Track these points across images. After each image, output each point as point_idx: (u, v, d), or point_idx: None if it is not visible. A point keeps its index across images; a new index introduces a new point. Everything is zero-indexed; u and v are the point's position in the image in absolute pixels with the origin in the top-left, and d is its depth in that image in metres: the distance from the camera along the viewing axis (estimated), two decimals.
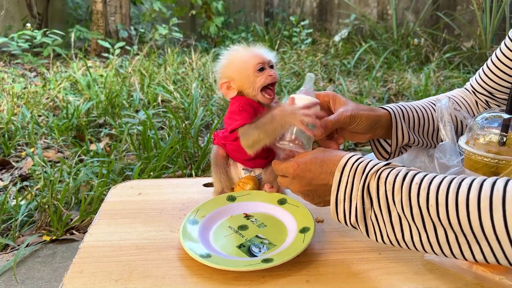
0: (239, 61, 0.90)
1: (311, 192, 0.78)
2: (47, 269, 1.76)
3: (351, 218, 0.71)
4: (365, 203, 0.69)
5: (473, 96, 1.08)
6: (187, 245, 0.76)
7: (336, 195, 0.72)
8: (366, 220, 0.69)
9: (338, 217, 0.73)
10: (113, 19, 5.71)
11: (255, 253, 0.77)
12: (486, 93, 1.04)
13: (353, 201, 0.70)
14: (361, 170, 0.70)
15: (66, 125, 3.04)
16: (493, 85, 1.02)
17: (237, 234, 0.82)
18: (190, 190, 1.03)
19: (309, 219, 0.82)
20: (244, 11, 7.37)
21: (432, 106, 1.03)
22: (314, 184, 0.76)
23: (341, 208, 0.72)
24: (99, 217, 0.92)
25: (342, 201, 0.71)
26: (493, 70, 1.01)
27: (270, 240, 0.80)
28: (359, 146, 3.05)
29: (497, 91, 1.02)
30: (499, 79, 1.00)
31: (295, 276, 0.72)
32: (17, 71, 4.43)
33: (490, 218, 0.56)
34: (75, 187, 2.18)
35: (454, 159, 0.83)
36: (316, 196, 0.78)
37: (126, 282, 0.71)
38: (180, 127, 2.85)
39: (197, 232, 0.81)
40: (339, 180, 0.72)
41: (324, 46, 5.86)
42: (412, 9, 5.64)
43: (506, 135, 0.77)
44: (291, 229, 0.82)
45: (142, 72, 4.23)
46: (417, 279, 0.71)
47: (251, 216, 0.87)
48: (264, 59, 0.90)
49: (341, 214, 0.72)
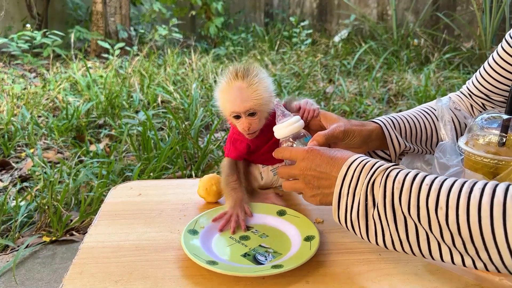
0: (220, 101, 0.88)
1: (313, 178, 0.76)
2: (46, 270, 1.76)
3: (352, 214, 0.69)
4: (368, 200, 0.68)
5: (469, 100, 1.08)
6: (191, 253, 0.74)
7: (340, 188, 0.71)
8: (367, 219, 0.68)
9: (339, 213, 0.71)
10: (113, 19, 5.71)
11: (261, 261, 0.76)
12: (483, 96, 1.04)
13: (356, 196, 0.69)
14: (369, 166, 0.70)
15: (66, 125, 3.04)
16: (490, 88, 1.02)
17: (240, 244, 0.81)
18: (190, 191, 1.03)
19: (312, 228, 0.82)
20: (244, 12, 7.37)
21: (423, 114, 1.03)
22: (318, 171, 0.75)
23: (343, 202, 0.70)
24: (99, 218, 0.91)
25: (345, 196, 0.70)
26: (490, 72, 1.01)
27: (275, 249, 0.79)
28: None
29: (494, 94, 1.02)
30: (496, 82, 1.00)
31: (295, 277, 0.72)
32: (17, 71, 4.43)
33: (503, 225, 0.55)
34: (75, 188, 2.18)
35: (454, 159, 0.83)
36: (316, 186, 0.76)
37: (126, 283, 0.70)
38: (180, 127, 2.85)
39: (199, 242, 0.79)
40: (345, 173, 0.71)
41: (324, 47, 5.86)
42: (412, 9, 5.65)
43: (505, 135, 0.77)
44: (295, 238, 0.81)
45: (142, 73, 4.23)
46: (417, 280, 0.71)
47: (251, 227, 0.86)
48: (237, 110, 0.85)
49: (343, 210, 0.71)
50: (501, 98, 1.02)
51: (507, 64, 0.98)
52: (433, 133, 1.02)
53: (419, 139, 1.00)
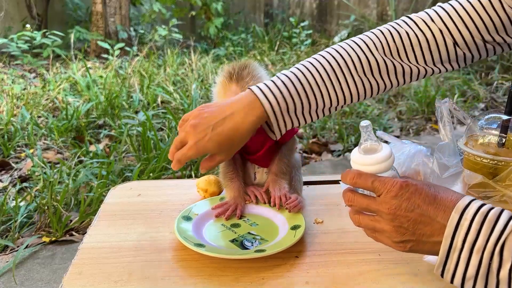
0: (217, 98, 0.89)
1: (408, 221, 0.61)
2: (46, 271, 1.76)
3: (467, 272, 0.57)
4: (494, 261, 0.56)
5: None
6: (181, 236, 0.78)
7: (451, 240, 0.58)
8: (488, 278, 0.57)
9: (445, 267, 0.60)
10: (112, 20, 5.71)
11: (247, 246, 0.79)
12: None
13: (475, 254, 0.57)
14: (493, 218, 0.57)
15: (65, 126, 3.04)
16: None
17: (230, 231, 0.84)
18: (189, 191, 1.03)
19: (300, 219, 0.85)
20: (243, 12, 7.37)
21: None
22: (417, 213, 0.60)
23: (454, 257, 0.58)
24: (98, 218, 0.91)
25: (457, 250, 0.58)
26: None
27: (262, 237, 0.82)
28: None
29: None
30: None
31: (295, 278, 0.72)
32: (17, 72, 4.43)
33: None
34: (74, 188, 2.18)
35: (454, 160, 0.83)
36: (411, 231, 0.61)
37: (125, 283, 0.70)
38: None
39: (191, 226, 0.83)
40: (457, 223, 0.58)
41: (324, 47, 5.86)
42: (411, 10, 5.65)
43: (505, 136, 0.77)
44: (283, 227, 0.84)
45: (142, 73, 4.23)
46: (416, 280, 0.71)
47: (243, 216, 0.90)
48: None
49: (452, 265, 0.59)
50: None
51: None
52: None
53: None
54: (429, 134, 3.42)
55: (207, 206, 0.91)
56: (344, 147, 3.02)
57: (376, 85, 0.84)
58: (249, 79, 0.84)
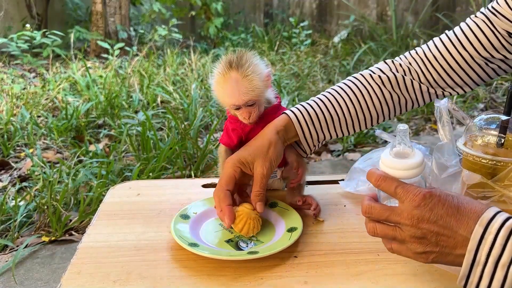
0: (217, 93, 0.89)
1: (430, 232, 0.60)
2: (46, 270, 1.76)
3: (491, 286, 0.57)
4: None
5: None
6: (176, 234, 0.78)
7: (475, 254, 0.57)
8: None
9: (468, 280, 0.59)
10: (112, 20, 5.71)
11: (242, 247, 0.79)
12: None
13: (500, 268, 0.56)
14: None
15: (65, 126, 3.04)
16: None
17: (227, 231, 0.84)
18: (189, 191, 1.03)
19: (297, 220, 0.84)
20: (243, 12, 7.36)
21: (344, 89, 0.95)
22: (440, 225, 0.59)
23: (477, 270, 0.57)
24: (97, 217, 0.91)
25: (481, 264, 0.57)
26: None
27: (258, 238, 0.82)
28: (358, 148, 3.05)
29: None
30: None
31: (294, 277, 0.72)
32: (17, 71, 4.43)
33: None
34: (74, 188, 2.18)
35: (453, 160, 0.83)
36: (433, 242, 0.60)
37: (124, 283, 0.70)
38: (179, 128, 2.85)
39: (188, 225, 0.83)
40: (481, 236, 0.57)
41: (324, 47, 5.86)
42: (411, 10, 5.65)
43: (504, 136, 0.77)
44: (279, 229, 0.84)
45: (142, 73, 4.23)
46: (415, 280, 0.71)
47: None
48: (237, 103, 0.86)
49: (476, 278, 0.58)
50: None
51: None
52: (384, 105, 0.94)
53: (344, 125, 0.94)
54: (429, 134, 3.41)
55: (205, 206, 0.91)
56: (343, 147, 3.02)
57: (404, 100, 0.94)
58: (248, 66, 0.85)
